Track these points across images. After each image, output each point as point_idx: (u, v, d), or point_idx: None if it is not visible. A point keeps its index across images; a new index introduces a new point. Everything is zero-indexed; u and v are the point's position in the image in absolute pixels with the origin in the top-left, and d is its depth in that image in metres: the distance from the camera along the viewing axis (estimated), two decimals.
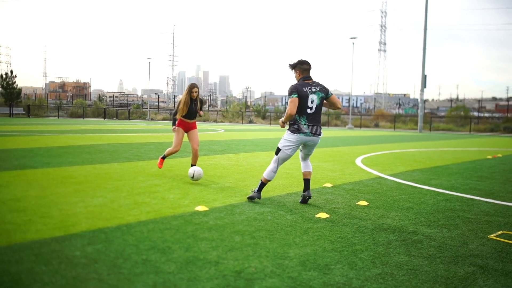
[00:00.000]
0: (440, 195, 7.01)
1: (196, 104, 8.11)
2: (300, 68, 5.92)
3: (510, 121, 44.99)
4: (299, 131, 5.84)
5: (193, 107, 8.07)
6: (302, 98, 5.75)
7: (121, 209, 5.39)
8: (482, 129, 43.69)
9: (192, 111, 8.07)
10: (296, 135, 5.86)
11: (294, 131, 5.86)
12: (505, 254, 4.15)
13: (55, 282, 3.16)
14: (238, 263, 3.67)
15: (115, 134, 20.83)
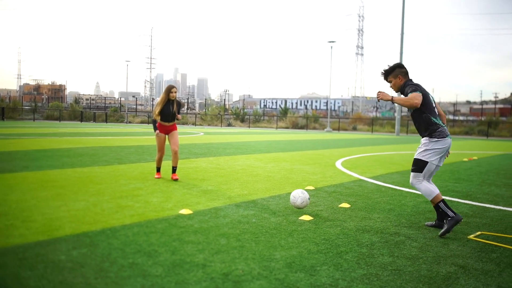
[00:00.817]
0: (419, 197, 7.14)
1: (173, 106, 8.06)
2: (401, 72, 5.19)
3: (484, 124, 45.91)
4: (445, 134, 5.02)
5: (170, 108, 8.02)
6: (427, 97, 5.04)
7: (104, 213, 5.36)
8: (457, 132, 44.53)
9: (168, 112, 8.02)
10: (444, 139, 4.99)
11: (442, 135, 4.99)
12: (484, 254, 4.26)
13: (42, 287, 3.14)
14: (225, 265, 3.70)
15: (93, 137, 20.62)
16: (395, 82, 5.20)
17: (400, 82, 5.19)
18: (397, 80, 5.19)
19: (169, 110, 8.03)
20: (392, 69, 5.21)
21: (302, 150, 16.75)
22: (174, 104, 8.08)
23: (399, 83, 5.19)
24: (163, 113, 8.04)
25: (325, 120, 53.62)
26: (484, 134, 41.96)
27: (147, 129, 34.86)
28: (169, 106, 8.03)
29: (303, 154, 14.66)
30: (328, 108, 50.11)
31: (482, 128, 44.67)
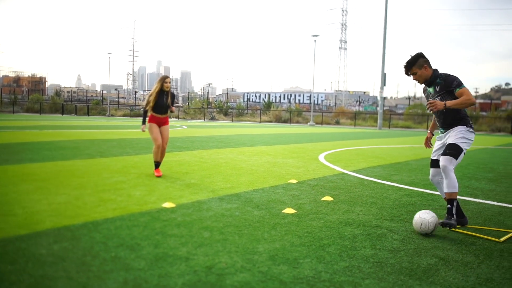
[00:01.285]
0: (401, 190, 7.22)
1: (167, 97, 7.83)
2: (426, 62, 4.90)
3: None
4: (473, 130, 4.93)
5: (164, 100, 7.79)
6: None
7: (86, 207, 5.31)
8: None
9: (162, 104, 7.78)
10: (474, 134, 4.92)
11: (472, 128, 4.91)
12: (464, 246, 4.33)
13: (23, 281, 3.10)
14: (208, 258, 3.70)
15: (75, 130, 20.38)
16: (421, 73, 4.88)
17: (426, 72, 4.89)
18: (423, 70, 4.88)
19: (163, 101, 7.79)
20: (416, 59, 4.89)
21: (285, 143, 16.79)
22: (168, 95, 7.85)
23: (426, 74, 4.89)
24: (157, 104, 7.79)
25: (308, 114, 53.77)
26: None
27: (130, 122, 34.59)
28: (163, 97, 7.79)
29: (286, 148, 14.69)
30: (311, 102, 50.25)
31: None
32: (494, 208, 6.15)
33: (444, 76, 4.86)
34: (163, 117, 7.91)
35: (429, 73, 4.91)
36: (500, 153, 15.64)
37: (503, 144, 21.78)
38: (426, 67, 4.88)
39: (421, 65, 4.88)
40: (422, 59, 4.89)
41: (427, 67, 4.89)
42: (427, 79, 4.94)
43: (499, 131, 41.18)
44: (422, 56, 4.92)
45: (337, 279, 3.35)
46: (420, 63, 4.88)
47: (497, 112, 53.42)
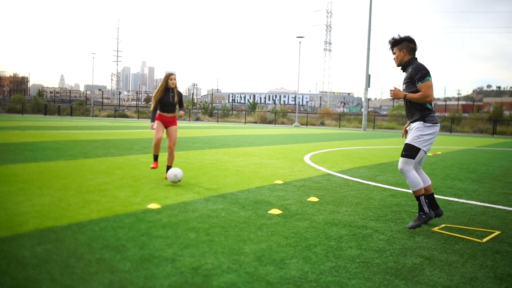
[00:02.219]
0: (386, 191, 7.27)
1: (173, 95, 7.52)
2: (408, 47, 4.96)
3: (447, 120, 47.05)
4: (437, 122, 4.88)
5: (170, 98, 7.48)
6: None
7: (70, 208, 5.24)
8: None
9: (168, 102, 7.49)
10: (436, 126, 4.87)
11: (434, 121, 4.86)
12: (448, 246, 4.37)
13: (5, 284, 3.05)
14: (194, 259, 3.67)
15: (58, 131, 20.15)
16: (399, 55, 4.98)
17: (403, 56, 4.97)
18: (401, 53, 4.96)
19: (169, 99, 7.48)
20: (400, 41, 4.96)
21: (271, 144, 16.80)
22: (174, 93, 7.54)
23: (402, 57, 4.97)
24: (162, 103, 7.50)
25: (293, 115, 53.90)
26: (447, 130, 43.01)
27: (114, 123, 34.31)
28: (169, 95, 7.48)
29: (271, 149, 14.70)
30: (296, 103, 50.36)
31: (445, 124, 45.77)
32: (478, 208, 6.22)
33: (415, 66, 4.89)
34: (170, 116, 7.61)
35: (405, 59, 4.99)
36: (483, 154, 15.84)
37: (485, 145, 22.07)
38: (405, 51, 4.96)
39: (402, 48, 4.97)
40: (407, 43, 4.96)
41: (406, 52, 4.96)
42: (401, 64, 5.03)
43: (481, 132, 41.75)
44: (409, 40, 4.97)
45: (323, 279, 3.36)
46: (402, 45, 4.97)
47: (479, 114, 54.16)
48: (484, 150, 18.26)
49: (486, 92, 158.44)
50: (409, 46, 4.97)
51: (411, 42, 4.97)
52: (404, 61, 5.00)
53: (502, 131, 40.37)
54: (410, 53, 4.98)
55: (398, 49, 4.98)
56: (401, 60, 5.00)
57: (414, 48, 5.00)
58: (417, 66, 4.87)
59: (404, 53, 4.96)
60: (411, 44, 4.97)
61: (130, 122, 38.98)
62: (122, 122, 36.33)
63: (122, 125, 30.60)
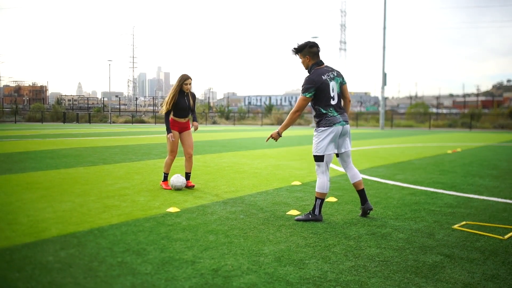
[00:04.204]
0: (405, 190, 7.22)
1: (189, 99, 7.00)
2: (310, 52, 5.10)
3: (467, 116, 46.48)
4: (333, 123, 5.04)
5: (186, 102, 6.94)
6: (323, 89, 5.01)
7: (91, 213, 5.33)
8: (441, 125, 45.03)
9: (184, 106, 6.92)
10: (330, 128, 5.03)
11: (327, 124, 5.05)
12: (469, 243, 4.33)
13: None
14: (214, 261, 3.71)
15: (77, 138, 20.43)
16: (303, 61, 5.19)
17: (308, 62, 5.16)
18: (306, 59, 5.16)
19: (185, 103, 6.91)
20: (302, 48, 5.14)
21: (288, 146, 16.80)
22: (189, 97, 7.03)
23: (307, 63, 5.17)
24: (178, 107, 6.91)
25: (310, 116, 53.78)
26: (467, 126, 42.49)
27: (132, 128, 34.65)
28: (184, 99, 6.92)
29: (289, 150, 14.70)
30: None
31: (465, 120, 45.23)
32: (499, 204, 6.15)
33: (307, 76, 5.10)
34: (184, 122, 7.09)
35: (310, 64, 5.17)
36: (503, 150, 15.63)
37: (506, 141, 21.76)
38: (308, 57, 5.13)
39: (305, 54, 5.14)
40: (308, 49, 5.11)
41: (309, 58, 5.13)
42: (307, 68, 5.20)
43: (502, 128, 41.13)
44: (310, 46, 5.12)
45: (343, 279, 3.36)
46: (304, 52, 5.13)
47: (500, 109, 53.35)
48: (505, 146, 18.00)
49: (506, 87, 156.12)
50: (311, 51, 5.13)
51: (312, 47, 5.13)
52: (309, 66, 5.19)
53: None
54: (314, 57, 5.14)
55: (301, 55, 5.18)
56: (307, 65, 5.20)
57: (316, 52, 5.15)
58: (306, 79, 5.09)
59: (308, 59, 5.15)
60: (312, 49, 5.13)
61: (147, 127, 39.32)
62: (140, 128, 36.67)
63: (139, 130, 30.89)
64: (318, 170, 5.19)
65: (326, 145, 5.06)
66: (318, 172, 5.19)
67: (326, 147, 5.07)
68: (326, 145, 5.06)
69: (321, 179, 5.15)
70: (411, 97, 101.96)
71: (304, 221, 5.09)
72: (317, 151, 5.12)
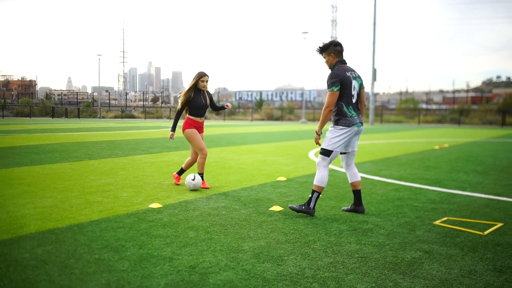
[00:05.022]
0: (389, 185, 7.23)
1: (205, 97, 6.71)
2: (335, 51, 5.23)
3: (456, 112, 46.75)
4: (351, 124, 5.11)
5: (202, 100, 6.63)
6: (347, 85, 5.08)
7: (72, 209, 5.27)
8: (430, 121, 45.27)
9: (201, 104, 6.62)
10: (349, 129, 5.09)
11: (346, 124, 5.10)
12: (449, 239, 4.34)
13: (4, 286, 3.07)
14: (192, 258, 3.68)
15: (64, 133, 20.27)
16: (328, 59, 5.28)
17: (332, 60, 5.26)
18: (330, 57, 5.26)
19: (202, 102, 6.61)
20: (327, 47, 5.26)
21: (276, 141, 16.79)
22: (205, 94, 6.73)
23: (331, 61, 5.27)
24: (194, 105, 6.61)
25: (300, 111, 53.80)
26: (456, 122, 42.76)
27: (121, 124, 34.46)
28: (200, 97, 6.61)
29: (277, 146, 14.69)
30: (303, 99, 50.25)
31: (454, 116, 45.52)
32: (481, 200, 6.18)
33: (330, 73, 5.19)
34: (201, 121, 6.79)
35: (333, 62, 5.27)
36: (490, 146, 15.73)
37: (493, 136, 21.92)
38: (333, 55, 5.25)
39: (330, 53, 5.26)
40: (333, 48, 5.24)
41: (334, 56, 5.25)
42: (331, 66, 5.30)
43: (490, 123, 41.44)
44: (335, 45, 5.26)
45: (320, 275, 3.35)
46: (329, 51, 5.26)
47: (488, 105, 53.76)
48: (492, 142, 18.13)
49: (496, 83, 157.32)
50: (336, 50, 5.25)
51: (336, 45, 5.26)
52: (332, 64, 5.27)
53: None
54: (338, 55, 5.26)
55: (326, 54, 5.29)
56: (331, 63, 5.28)
57: (340, 50, 5.28)
58: (331, 74, 5.17)
59: (332, 57, 5.26)
60: (336, 47, 5.25)
61: (137, 122, 39.14)
62: (129, 123, 36.49)
63: (128, 125, 30.73)
64: (321, 164, 5.22)
65: (338, 143, 5.13)
66: (320, 166, 5.22)
67: (338, 144, 5.13)
68: (339, 142, 5.12)
69: (321, 173, 5.19)
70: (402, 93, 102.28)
71: (297, 212, 5.16)
72: (328, 145, 5.15)
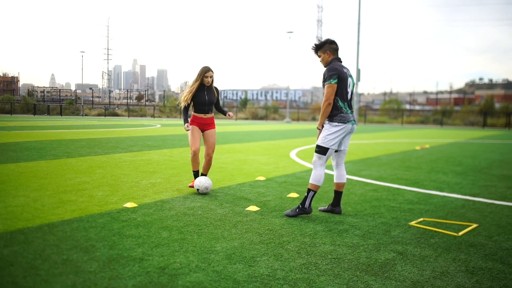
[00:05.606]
0: (368, 186, 7.23)
1: (210, 93, 6.47)
2: (330, 48, 5.20)
3: (438, 113, 47.20)
4: (346, 120, 5.08)
5: (206, 95, 6.41)
6: (344, 80, 5.05)
7: (44, 209, 5.16)
8: (413, 121, 45.64)
9: (204, 100, 6.40)
10: (344, 125, 5.06)
11: (341, 120, 5.05)
12: (423, 240, 4.34)
13: None
14: (163, 259, 3.61)
15: (44, 130, 19.98)
16: (324, 57, 5.24)
17: (328, 58, 5.22)
18: (325, 55, 5.22)
19: (205, 98, 6.39)
20: (322, 45, 5.24)
21: (259, 141, 16.75)
22: (211, 90, 6.50)
23: (327, 59, 5.23)
24: (197, 102, 6.41)
25: (285, 110, 53.84)
26: (438, 123, 43.16)
27: (103, 121, 34.12)
28: (204, 93, 6.41)
29: (259, 145, 14.64)
30: (288, 99, 50.28)
31: (437, 117, 45.96)
32: (458, 201, 6.20)
33: (328, 67, 5.13)
34: (206, 118, 6.52)
35: (329, 59, 5.23)
36: (470, 147, 15.88)
37: (474, 137, 22.15)
38: (329, 53, 5.21)
39: (325, 50, 5.22)
40: (329, 45, 5.22)
41: (330, 54, 5.21)
42: (327, 64, 5.25)
43: (472, 125, 41.91)
44: (330, 42, 5.23)
45: (292, 277, 3.31)
46: (325, 48, 5.22)
47: (470, 107, 54.40)
48: (472, 143, 18.31)
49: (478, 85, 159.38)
50: (331, 47, 5.22)
51: (332, 43, 5.23)
52: (328, 61, 5.23)
53: (493, 123, 40.54)
54: (334, 53, 5.23)
55: (322, 52, 5.25)
56: (326, 61, 5.24)
57: (336, 48, 5.25)
58: (328, 68, 5.12)
59: (328, 54, 5.22)
60: (332, 45, 5.23)
61: (120, 120, 38.80)
62: (112, 121, 36.16)
63: (111, 123, 30.44)
64: (317, 162, 5.16)
65: (334, 140, 5.09)
66: (317, 165, 5.17)
67: (334, 142, 5.09)
68: (334, 140, 5.09)
69: (318, 172, 5.14)
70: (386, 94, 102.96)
71: (294, 217, 5.07)
72: (323, 143, 5.10)
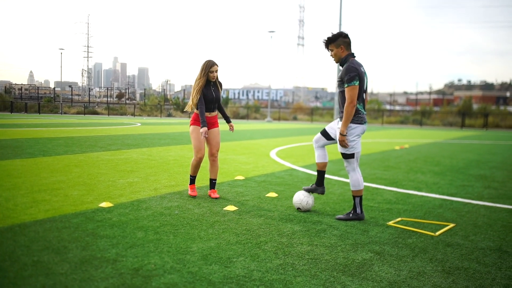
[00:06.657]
0: (347, 185, 7.23)
1: (216, 89, 6.00)
2: (344, 42, 4.89)
3: (418, 114, 47.73)
4: (363, 121, 4.96)
5: (213, 93, 5.91)
6: (362, 80, 4.84)
7: (16, 209, 5.03)
8: (393, 121, 46.04)
9: (211, 98, 5.89)
10: (361, 126, 4.95)
11: (358, 121, 4.92)
12: (401, 240, 4.33)
13: None
14: (137, 260, 3.53)
15: (21, 128, 19.60)
16: (337, 51, 4.94)
17: (341, 52, 4.93)
18: (339, 50, 4.92)
19: (212, 95, 5.89)
20: (335, 38, 4.91)
21: (239, 140, 16.69)
22: (216, 86, 6.03)
23: (340, 54, 4.93)
24: (205, 99, 5.88)
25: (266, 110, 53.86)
26: (418, 123, 43.62)
27: (82, 120, 33.66)
28: (211, 89, 5.91)
29: (239, 144, 14.58)
30: (269, 98, 50.30)
31: (416, 117, 46.45)
32: (436, 201, 6.23)
33: (346, 66, 4.84)
34: (211, 117, 6.04)
35: (343, 55, 4.94)
36: (449, 147, 16.05)
37: (452, 138, 22.41)
38: (343, 47, 4.91)
39: (339, 44, 4.92)
40: (342, 39, 4.91)
41: (343, 48, 4.92)
42: (340, 60, 4.98)
43: (450, 125, 42.45)
44: (343, 36, 4.93)
45: (268, 278, 3.26)
46: (338, 42, 4.91)
47: (449, 107, 55.15)
48: (451, 143, 18.52)
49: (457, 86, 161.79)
50: (345, 41, 4.92)
51: (345, 37, 4.93)
52: (342, 57, 4.95)
53: (471, 124, 41.12)
54: (347, 48, 4.94)
55: (335, 46, 4.94)
56: (340, 57, 4.96)
57: (350, 42, 4.96)
58: (347, 67, 4.82)
59: (342, 49, 4.92)
60: (346, 39, 4.92)
61: (100, 119, 38.33)
62: (91, 119, 35.70)
63: (90, 122, 30.05)
64: (349, 167, 5.04)
65: (357, 144, 4.98)
66: (349, 170, 5.05)
67: (357, 144, 4.97)
68: (357, 142, 4.97)
69: (353, 177, 5.03)
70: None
71: (347, 220, 4.97)
72: (348, 150, 4.96)
